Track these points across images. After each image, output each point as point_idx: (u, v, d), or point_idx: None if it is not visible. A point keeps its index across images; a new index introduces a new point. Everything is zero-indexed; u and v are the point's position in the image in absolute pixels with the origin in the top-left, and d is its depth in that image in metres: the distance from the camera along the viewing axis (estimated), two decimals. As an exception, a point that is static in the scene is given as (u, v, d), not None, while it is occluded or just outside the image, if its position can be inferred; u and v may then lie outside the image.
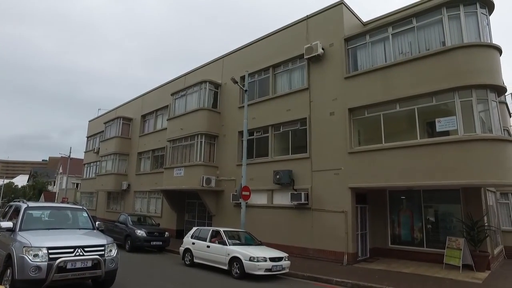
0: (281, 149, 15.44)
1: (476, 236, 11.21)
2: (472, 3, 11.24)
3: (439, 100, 11.10)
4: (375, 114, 12.41)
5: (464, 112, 10.61)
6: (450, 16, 11.36)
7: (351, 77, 13.18)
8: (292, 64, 15.61)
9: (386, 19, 13.71)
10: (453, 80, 10.70)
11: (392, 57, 12.39)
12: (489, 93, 10.70)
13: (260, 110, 16.24)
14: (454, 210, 12.53)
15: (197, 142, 18.07)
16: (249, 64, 17.14)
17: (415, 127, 11.39)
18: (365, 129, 13.25)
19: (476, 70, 10.63)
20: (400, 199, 13.82)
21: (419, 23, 12.01)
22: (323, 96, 13.86)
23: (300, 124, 14.56)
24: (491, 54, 10.95)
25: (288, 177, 13.95)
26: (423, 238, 12.94)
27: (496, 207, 15.15)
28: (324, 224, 12.93)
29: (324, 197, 13.10)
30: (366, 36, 13.28)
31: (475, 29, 11.11)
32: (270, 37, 16.90)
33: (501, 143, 10.49)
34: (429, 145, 10.98)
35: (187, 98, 19.76)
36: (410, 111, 11.61)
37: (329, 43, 14.06)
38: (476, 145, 10.27)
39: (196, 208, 20.06)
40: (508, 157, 10.63)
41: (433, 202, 13.11)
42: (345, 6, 14.31)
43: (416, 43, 11.99)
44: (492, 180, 10.39)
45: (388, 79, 12.11)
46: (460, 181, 10.40)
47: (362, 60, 13.33)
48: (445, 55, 11.04)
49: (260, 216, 15.23)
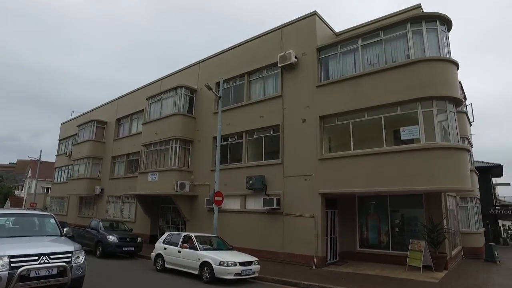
0: (255, 155, 15.70)
1: (436, 239, 11.85)
2: (433, 20, 11.96)
3: (404, 109, 11.70)
4: (345, 122, 12.91)
5: (426, 122, 11.24)
6: (413, 31, 12.02)
7: (323, 86, 13.64)
8: (267, 72, 15.96)
9: (357, 30, 14.29)
10: (416, 91, 11.32)
11: (361, 68, 12.94)
12: (448, 104, 11.40)
13: (234, 116, 16.46)
14: (417, 214, 13.15)
15: (171, 147, 18.06)
16: (224, 70, 17.36)
17: (381, 135, 11.93)
18: (335, 136, 13.74)
19: (436, 82, 11.30)
20: (368, 204, 14.36)
21: (386, 36, 12.62)
22: (295, 103, 14.26)
23: (273, 130, 14.90)
24: (449, 68, 11.67)
25: (261, 183, 14.22)
26: (389, 241, 13.50)
27: (456, 211, 16.01)
28: (295, 229, 13.26)
29: (295, 202, 13.44)
30: (337, 47, 13.79)
31: (436, 44, 11.81)
32: (245, 45, 17.19)
33: (458, 151, 11.18)
34: (394, 152, 11.54)
35: (162, 102, 19.72)
36: (377, 120, 12.15)
37: (302, 52, 14.49)
38: (436, 153, 10.90)
39: (170, 213, 19.97)
40: (465, 165, 11.36)
41: (399, 207, 13.73)
42: (318, 17, 14.80)
43: (384, 55, 12.59)
44: (451, 186, 11.07)
45: (357, 88, 12.64)
46: (422, 187, 10.99)
47: (333, 69, 13.83)
48: (409, 67, 11.67)
49: (233, 221, 15.39)
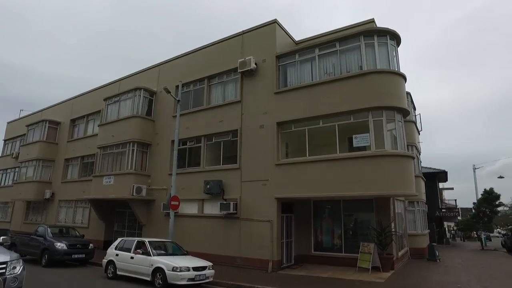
0: (213, 160, 15.68)
1: (384, 241, 12.51)
2: (384, 35, 12.71)
3: (356, 118, 12.26)
4: (301, 129, 13.28)
5: (376, 130, 11.85)
6: (366, 44, 12.68)
7: (281, 93, 13.96)
8: (227, 77, 16.04)
9: (315, 40, 14.80)
10: (367, 101, 11.93)
11: (317, 76, 13.41)
12: (396, 114, 12.13)
13: (194, 120, 16.35)
14: (368, 218, 13.78)
15: (128, 150, 17.55)
16: (185, 73, 17.22)
17: (335, 142, 12.40)
18: (292, 142, 14.09)
19: (386, 93, 11.99)
20: (323, 208, 14.84)
21: (342, 47, 13.19)
22: (254, 109, 14.45)
23: (232, 135, 14.98)
24: (398, 81, 12.45)
25: (218, 187, 14.22)
26: (342, 245, 14.03)
27: (404, 214, 16.99)
28: (251, 233, 13.38)
29: (252, 207, 13.58)
30: (295, 55, 14.20)
31: (386, 58, 12.54)
32: (207, 49, 17.18)
33: (405, 158, 11.92)
34: (347, 158, 12.04)
35: (120, 104, 19.13)
36: (332, 127, 12.63)
37: (262, 58, 14.75)
38: (385, 160, 11.54)
39: (126, 218, 19.32)
40: (411, 171, 12.12)
41: (352, 211, 14.32)
42: (278, 25, 15.15)
43: (339, 65, 13.14)
44: (398, 191, 11.77)
45: (313, 96, 13.07)
46: (372, 192, 11.58)
47: (291, 77, 14.21)
48: (362, 78, 12.28)
49: (190, 226, 15.23)
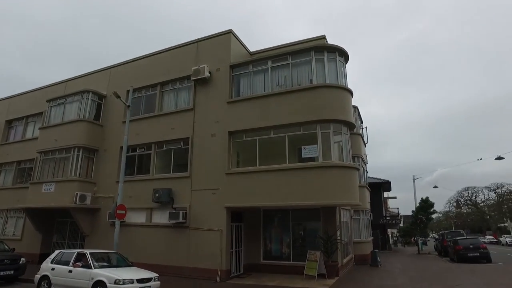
0: (163, 167, 15.31)
1: (330, 249, 12.98)
2: (333, 51, 13.38)
3: (306, 130, 12.70)
4: (252, 139, 13.46)
5: (324, 142, 12.36)
6: (317, 59, 13.25)
7: (233, 102, 14.08)
8: (180, 84, 15.85)
9: (268, 52, 15.17)
10: (316, 113, 12.43)
11: (269, 88, 13.72)
12: (343, 127, 12.77)
13: (144, 126, 15.89)
14: (316, 226, 14.21)
15: (73, 156, 16.56)
16: (137, 78, 16.74)
17: (285, 152, 12.73)
18: (243, 152, 14.22)
19: (334, 107, 12.59)
20: (273, 218, 15.05)
21: (294, 61, 13.64)
22: (206, 117, 14.41)
23: (183, 143, 14.78)
24: (345, 95, 13.14)
25: (168, 196, 13.89)
26: (290, 253, 14.30)
27: (350, 223, 17.79)
28: (200, 243, 13.20)
29: (201, 216, 13.43)
30: (249, 66, 14.43)
31: (335, 73, 13.19)
32: (161, 54, 16.87)
33: (350, 169, 12.55)
34: (296, 169, 12.40)
35: (65, 106, 18.06)
36: (282, 138, 12.95)
37: (216, 67, 14.80)
38: (331, 171, 12.05)
39: (67, 228, 18.09)
40: (355, 181, 12.79)
41: (300, 220, 14.68)
42: (233, 35, 15.33)
43: (290, 78, 13.56)
44: (343, 201, 12.32)
45: (265, 107, 13.34)
46: (319, 202, 12.01)
47: (244, 87, 14.40)
48: (311, 91, 12.79)
49: (138, 235, 14.66)
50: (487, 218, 71.70)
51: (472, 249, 20.80)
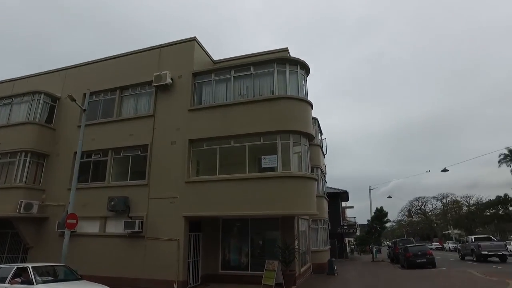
0: (120, 174, 14.74)
1: (288, 258, 13.14)
2: (295, 64, 13.76)
3: (266, 140, 12.86)
4: (213, 147, 13.38)
5: (284, 152, 12.59)
6: (279, 70, 13.52)
7: (195, 110, 13.96)
8: (141, 89, 15.46)
9: (232, 62, 15.27)
10: (276, 124, 12.65)
11: (231, 97, 13.77)
12: (302, 138, 13.08)
13: (101, 131, 15.25)
14: (275, 236, 14.35)
15: (20, 160, 15.46)
16: (95, 81, 16.09)
17: (245, 162, 12.79)
18: (203, 160, 14.10)
19: (294, 118, 12.89)
20: (232, 227, 15.00)
21: (256, 72, 13.82)
22: (167, 125, 14.13)
23: (142, 150, 14.36)
24: (305, 107, 13.52)
25: (124, 204, 13.37)
26: (248, 263, 14.28)
27: (308, 232, 18.17)
28: (157, 253, 12.80)
29: (159, 225, 13.05)
30: (212, 74, 14.41)
31: (295, 85, 13.54)
32: (121, 58, 16.39)
33: (308, 180, 12.86)
34: (255, 178, 12.49)
35: (13, 107, 16.91)
36: (243, 147, 13.00)
37: (178, 74, 14.62)
38: (290, 181, 12.27)
39: (7, 240, 16.63)
40: (313, 192, 13.12)
41: (259, 230, 14.75)
42: (197, 43, 15.29)
43: (252, 88, 13.72)
44: (301, 211, 12.59)
45: (226, 116, 13.36)
46: (278, 211, 12.16)
47: (207, 95, 14.34)
48: (273, 102, 13.02)
49: (90, 246, 13.91)
50: (434, 226, 76.38)
51: (420, 255, 22.07)
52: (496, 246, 25.36)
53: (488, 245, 25.48)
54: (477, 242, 26.46)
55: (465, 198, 66.57)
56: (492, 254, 25.00)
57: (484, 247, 25.38)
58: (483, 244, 25.68)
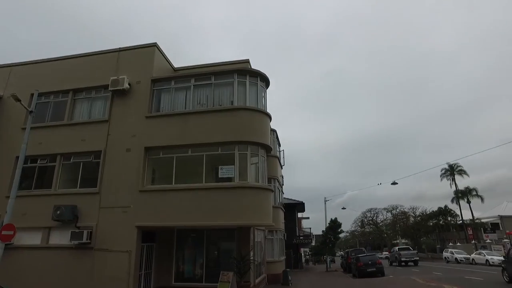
0: (69, 182, 13.91)
1: (242, 269, 13.11)
2: (255, 76, 14.00)
3: (224, 150, 12.86)
4: (170, 156, 13.13)
5: (241, 163, 12.66)
6: (239, 81, 13.68)
7: (152, 117, 13.65)
8: (96, 93, 14.84)
9: (192, 70, 15.24)
10: (235, 135, 12.72)
11: (191, 106, 13.67)
12: (260, 149, 13.27)
13: (50, 135, 14.36)
14: (231, 246, 14.27)
15: (-48, 164, 14.06)
16: (45, 81, 15.18)
17: (202, 171, 12.67)
18: (159, 169, 13.77)
19: (252, 129, 13.05)
20: (187, 238, 14.69)
21: (217, 81, 13.86)
22: (122, 131, 13.64)
23: (94, 156, 13.69)
24: (264, 119, 13.76)
25: (71, 213, 12.60)
26: (203, 274, 14.03)
27: (264, 243, 18.29)
28: (106, 265, 12.13)
29: (110, 236, 12.43)
30: (171, 82, 14.22)
31: (255, 97, 13.76)
32: (77, 59, 15.64)
33: (265, 191, 13.02)
34: (212, 188, 12.40)
35: None
36: (200, 157, 12.88)
37: (137, 80, 14.25)
38: (247, 192, 12.35)
39: None
40: (269, 203, 13.28)
41: (215, 240, 14.61)
42: (158, 49, 15.05)
43: (212, 97, 13.71)
44: (257, 221, 12.65)
45: (185, 125, 13.20)
46: (234, 222, 12.12)
47: (165, 103, 14.10)
48: (232, 113, 13.11)
49: (30, 260, 12.82)
50: (384, 236, 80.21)
51: (370, 265, 23.05)
52: (411, 254, 35.23)
53: (405, 253, 35.32)
54: (399, 251, 36.43)
55: (412, 210, 70.71)
56: (408, 260, 34.69)
57: (403, 255, 35.24)
58: (402, 252, 35.64)
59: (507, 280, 15.59)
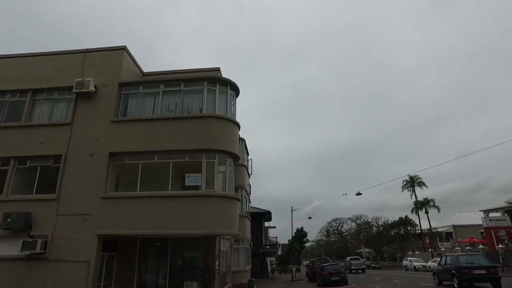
0: (24, 187, 13.07)
1: (207, 279, 12.90)
2: (225, 85, 14.04)
3: (191, 158, 12.71)
4: (135, 162, 12.77)
5: (208, 171, 12.55)
6: (209, 89, 13.64)
7: (118, 122, 13.25)
8: (59, 94, 14.18)
9: (162, 76, 15.01)
10: (203, 143, 12.63)
11: (159, 112, 13.43)
12: (228, 158, 13.24)
13: (4, 136, 13.49)
14: (196, 256, 14.00)
15: None
16: (3, 78, 14.35)
17: (168, 179, 12.41)
18: (124, 175, 13.35)
19: (221, 138, 13.02)
20: (151, 247, 14.27)
21: (186, 88, 13.73)
22: (85, 135, 13.09)
23: (54, 160, 13.00)
24: (233, 128, 13.78)
25: (24, 221, 11.80)
26: (166, 285, 13.63)
27: (230, 252, 18.14)
28: (62, 278, 11.40)
29: (67, 245, 11.75)
30: (140, 87, 13.92)
31: (224, 105, 13.76)
32: (38, 57, 14.93)
33: (231, 200, 12.97)
34: (178, 196, 12.19)
35: None
36: (166, 164, 12.63)
37: (103, 83, 13.80)
38: (213, 200, 12.24)
39: None
40: (235, 212, 13.24)
41: (180, 249, 14.27)
42: (127, 53, 14.72)
43: (181, 104, 13.56)
44: (223, 231, 12.57)
45: (152, 131, 12.93)
46: (200, 231, 11.96)
47: (132, 107, 13.76)
48: (200, 120, 13.03)
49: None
50: (349, 245, 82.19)
51: (334, 274, 23.48)
52: (359, 263, 43.04)
53: (355, 263, 43.13)
54: (350, 261, 44.02)
55: (375, 220, 73.19)
56: (358, 268, 41.83)
57: (353, 264, 42.83)
58: (353, 262, 43.49)
59: (437, 282, 19.43)
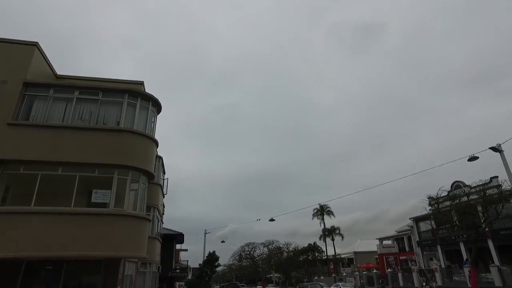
0: None
1: (104, 307, 11.76)
2: (147, 100, 13.59)
3: (101, 172, 11.79)
4: (33, 173, 11.30)
5: (119, 188, 11.74)
6: (129, 103, 13.02)
7: (18, 125, 11.71)
8: None
9: (79, 81, 13.90)
10: (116, 158, 11.87)
11: (70, 120, 12.28)
12: (142, 176, 12.62)
13: None
14: (95, 280, 12.68)
15: None
16: None
17: (72, 194, 11.23)
18: (17, 187, 11.75)
19: (136, 154, 12.41)
20: (40, 271, 12.51)
21: (104, 98, 12.90)
22: (-28, 136, 11.28)
23: None
24: (150, 145, 13.29)
25: None
26: (53, 314, 12.02)
27: (135, 276, 16.90)
28: None
29: None
30: (50, 89, 12.62)
31: (144, 121, 13.25)
32: None
33: (141, 220, 12.32)
34: (81, 214, 11.08)
35: None
36: (72, 177, 11.46)
37: (2, 79, 12.19)
38: (121, 220, 11.45)
39: None
40: (145, 233, 12.53)
41: (76, 274, 12.75)
42: (39, 50, 13.39)
43: (97, 115, 12.64)
44: (129, 253, 11.74)
45: (59, 140, 11.71)
46: (102, 253, 11.00)
47: (38, 111, 12.33)
48: (116, 134, 12.30)
49: None
50: (260, 270, 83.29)
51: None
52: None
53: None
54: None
55: (286, 245, 75.69)
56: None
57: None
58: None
59: None
